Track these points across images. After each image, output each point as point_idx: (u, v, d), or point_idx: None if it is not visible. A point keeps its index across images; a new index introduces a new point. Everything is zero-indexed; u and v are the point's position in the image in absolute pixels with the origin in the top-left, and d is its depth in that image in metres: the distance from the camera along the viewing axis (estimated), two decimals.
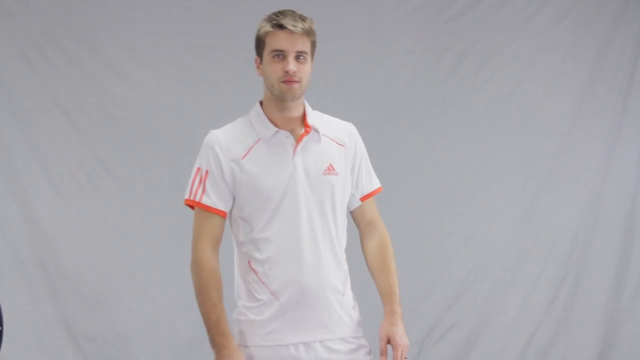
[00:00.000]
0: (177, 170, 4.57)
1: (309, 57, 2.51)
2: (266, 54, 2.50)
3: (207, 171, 2.52)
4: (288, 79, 2.47)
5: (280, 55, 2.47)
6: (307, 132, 2.54)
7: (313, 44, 2.53)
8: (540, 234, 4.71)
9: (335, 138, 2.61)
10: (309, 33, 2.49)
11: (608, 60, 4.72)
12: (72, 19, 4.52)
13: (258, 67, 2.55)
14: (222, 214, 2.52)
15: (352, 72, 4.69)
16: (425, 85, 4.72)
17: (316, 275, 2.49)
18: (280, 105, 2.54)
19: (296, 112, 2.56)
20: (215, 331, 2.45)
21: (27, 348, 4.40)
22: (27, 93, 4.48)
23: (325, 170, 2.54)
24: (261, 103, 2.60)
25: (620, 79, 4.72)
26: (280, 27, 2.46)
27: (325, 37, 4.57)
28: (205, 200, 2.51)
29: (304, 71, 2.50)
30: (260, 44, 2.52)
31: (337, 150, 2.59)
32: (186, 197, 2.55)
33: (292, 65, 2.46)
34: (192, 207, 2.55)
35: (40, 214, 4.45)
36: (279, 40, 2.47)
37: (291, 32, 2.45)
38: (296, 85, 2.48)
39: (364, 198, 2.67)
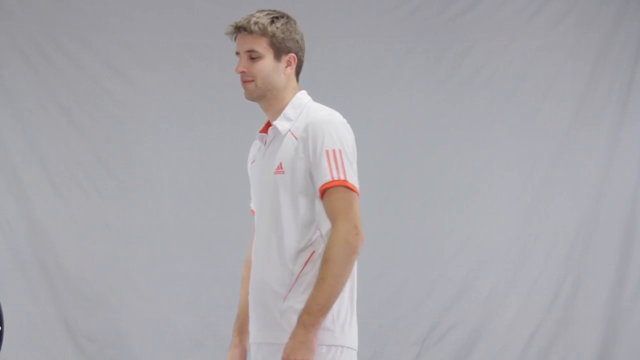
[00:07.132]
0: (177, 170, 4.58)
1: (264, 55, 2.45)
2: None
3: None
4: (241, 79, 2.48)
5: (238, 57, 2.49)
6: (267, 134, 2.50)
7: (272, 42, 2.46)
8: (540, 234, 4.70)
9: (296, 132, 2.45)
10: (264, 31, 2.46)
11: (608, 60, 4.72)
12: (72, 19, 4.53)
13: None
14: None
15: (352, 72, 4.69)
16: (425, 85, 4.72)
17: (259, 277, 2.44)
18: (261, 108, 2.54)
19: (271, 113, 2.50)
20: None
21: (27, 348, 4.41)
22: (27, 93, 4.49)
23: (276, 169, 2.43)
24: None
25: (620, 79, 4.71)
26: (233, 31, 2.50)
27: (325, 37, 4.66)
28: None
29: (257, 69, 2.45)
30: None
31: (292, 146, 2.43)
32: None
33: (239, 66, 2.46)
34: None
35: (40, 214, 4.45)
36: (237, 44, 2.49)
37: (241, 34, 2.47)
38: (250, 85, 2.46)
39: (320, 194, 2.40)
